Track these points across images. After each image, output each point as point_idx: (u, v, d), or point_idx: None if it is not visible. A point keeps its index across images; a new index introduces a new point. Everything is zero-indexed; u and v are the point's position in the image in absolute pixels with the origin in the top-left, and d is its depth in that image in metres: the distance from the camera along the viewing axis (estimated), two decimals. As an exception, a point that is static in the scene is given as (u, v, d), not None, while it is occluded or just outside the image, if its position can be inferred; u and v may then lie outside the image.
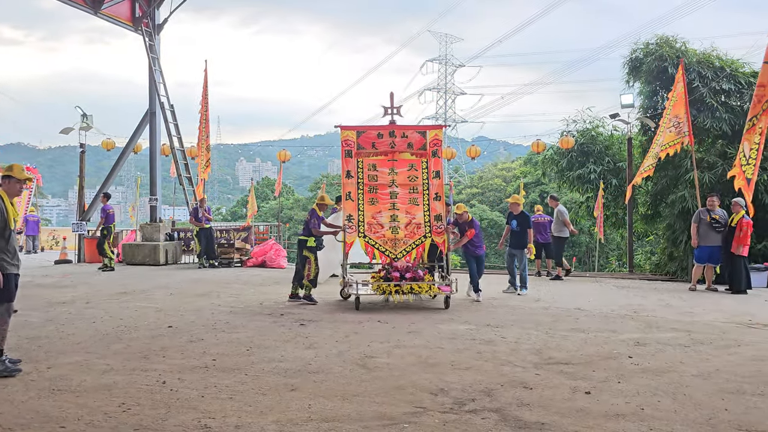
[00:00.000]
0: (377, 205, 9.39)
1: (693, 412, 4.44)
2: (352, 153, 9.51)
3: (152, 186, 17.37)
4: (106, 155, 21.40)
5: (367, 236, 9.23)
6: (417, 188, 9.47)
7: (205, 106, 16.54)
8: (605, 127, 17.35)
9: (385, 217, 9.32)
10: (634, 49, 14.99)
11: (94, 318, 8.06)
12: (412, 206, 9.39)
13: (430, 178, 9.50)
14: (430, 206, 9.42)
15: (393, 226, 9.27)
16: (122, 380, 5.15)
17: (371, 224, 9.25)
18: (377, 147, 9.54)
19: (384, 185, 9.49)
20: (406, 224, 9.31)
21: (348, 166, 9.49)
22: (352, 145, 9.52)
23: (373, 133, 9.59)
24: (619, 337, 7.07)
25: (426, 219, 9.37)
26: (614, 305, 9.47)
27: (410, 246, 9.23)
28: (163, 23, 17.59)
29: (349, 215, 9.32)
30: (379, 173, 9.52)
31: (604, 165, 16.53)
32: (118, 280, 12.68)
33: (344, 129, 9.60)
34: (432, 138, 9.61)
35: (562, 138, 16.24)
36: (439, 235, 9.36)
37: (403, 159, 9.51)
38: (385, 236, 9.23)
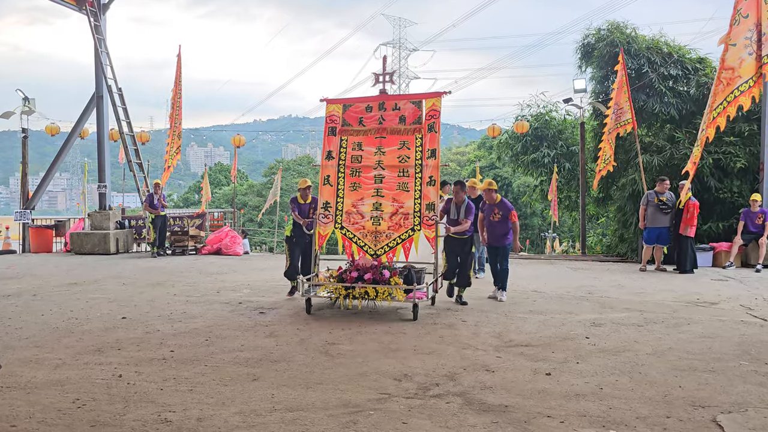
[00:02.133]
0: (359, 190, 7.93)
1: (649, 389, 4.56)
2: (336, 130, 8.06)
3: (100, 173, 16.80)
4: (49, 140, 20.65)
5: (344, 228, 7.89)
6: (408, 171, 7.80)
7: (178, 93, 16.05)
8: (558, 112, 17.65)
9: (367, 205, 7.87)
10: (586, 35, 15.25)
11: (43, 311, 7.77)
12: (400, 192, 7.80)
13: (425, 158, 7.75)
14: (423, 192, 7.71)
15: (375, 216, 7.80)
16: (75, 375, 4.97)
17: (350, 213, 7.89)
18: (365, 123, 7.98)
19: (368, 167, 7.94)
20: (391, 214, 7.77)
21: (330, 146, 8.06)
22: (337, 121, 8.06)
23: (361, 106, 8.04)
24: (576, 318, 7.23)
25: (416, 208, 7.70)
26: (569, 287, 9.68)
27: (394, 241, 7.72)
28: (109, 3, 16.92)
29: (325, 203, 7.98)
30: (364, 153, 7.97)
31: (557, 149, 16.85)
32: (67, 270, 12.25)
33: (330, 103, 8.14)
34: (429, 108, 7.81)
35: (516, 122, 16.44)
36: (431, 228, 7.63)
37: (393, 136, 7.90)
38: (365, 228, 7.81)
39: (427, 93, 7.74)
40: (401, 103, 7.94)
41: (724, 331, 6.50)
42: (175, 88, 16.13)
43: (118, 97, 16.64)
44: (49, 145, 67.85)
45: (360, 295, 7.25)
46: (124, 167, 22.26)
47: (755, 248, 11.90)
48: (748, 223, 11.89)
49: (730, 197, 12.94)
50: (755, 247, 11.90)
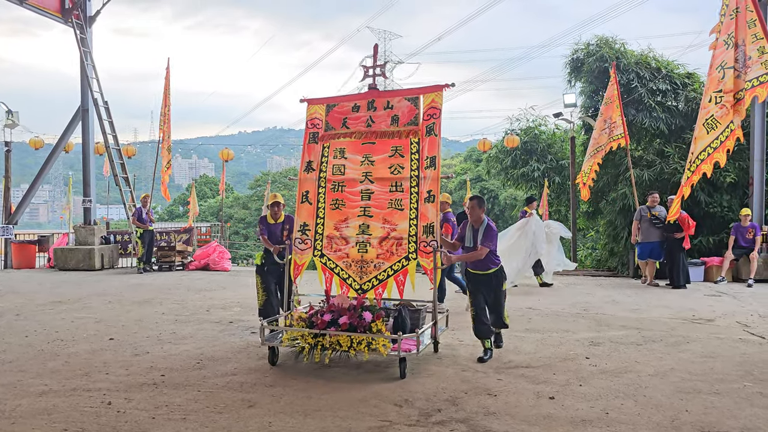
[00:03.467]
0: (342, 209, 6.47)
1: (656, 414, 4.46)
2: (318, 136, 6.65)
3: (85, 186, 16.50)
4: (30, 152, 20.28)
5: (324, 255, 6.45)
6: (401, 184, 6.27)
7: (167, 106, 15.85)
8: (547, 126, 17.69)
9: (352, 227, 6.39)
10: (575, 50, 15.33)
11: (27, 331, 7.53)
12: (392, 212, 6.28)
13: (422, 168, 6.18)
14: (419, 211, 6.13)
15: (361, 242, 6.32)
16: (62, 403, 4.77)
17: (332, 238, 6.44)
18: (349, 125, 6.53)
19: (353, 180, 6.47)
20: (380, 239, 6.27)
21: (310, 155, 6.65)
22: (319, 125, 6.66)
23: (347, 105, 6.62)
24: (574, 336, 7.14)
25: (412, 231, 6.16)
26: (564, 303, 9.60)
27: (384, 272, 6.20)
28: (96, 15, 16.72)
29: (303, 224, 6.56)
30: (348, 163, 6.51)
31: (547, 163, 16.88)
32: (51, 288, 11.97)
33: (311, 103, 6.75)
34: (428, 105, 6.27)
35: (507, 137, 16.45)
36: (429, 257, 6.01)
37: (383, 140, 6.39)
38: (350, 256, 6.35)
39: (425, 87, 6.27)
40: (394, 101, 6.42)
41: (723, 349, 6.44)
42: (164, 102, 15.94)
43: (104, 111, 16.40)
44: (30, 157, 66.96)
45: (331, 345, 5.56)
46: (109, 180, 21.95)
47: (746, 263, 11.91)
48: (738, 237, 11.92)
49: (720, 212, 13.00)
50: (746, 262, 11.92)
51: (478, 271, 6.24)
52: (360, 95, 6.64)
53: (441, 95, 6.29)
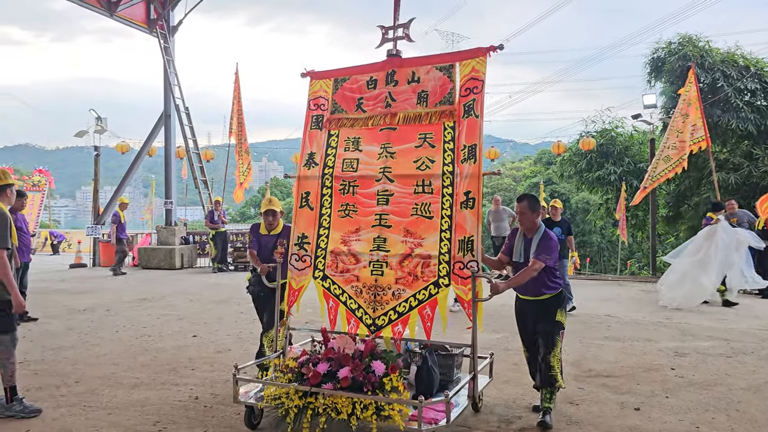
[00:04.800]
0: (353, 217, 4.90)
1: (751, 430, 4.25)
2: (322, 120, 5.20)
3: (167, 189, 17.26)
4: (113, 156, 21.36)
5: (327, 278, 4.88)
6: (431, 183, 4.65)
7: (239, 110, 16.38)
8: (624, 128, 17.15)
9: (365, 241, 4.80)
10: (656, 49, 14.80)
11: (117, 327, 7.94)
12: (418, 221, 4.64)
13: (458, 162, 4.58)
14: (455, 221, 4.50)
15: (376, 261, 4.71)
16: (153, 395, 5.00)
17: (338, 254, 4.87)
18: (365, 107, 5.04)
19: (368, 179, 4.91)
20: (402, 257, 4.63)
21: (312, 146, 5.18)
22: (325, 105, 5.22)
23: (361, 79, 5.13)
24: (657, 346, 6.88)
25: (444, 248, 4.50)
26: (644, 311, 9.27)
27: (406, 303, 4.56)
28: (178, 25, 17.48)
29: (301, 236, 5.04)
30: (363, 156, 4.97)
31: (624, 166, 16.34)
32: (136, 285, 12.57)
33: (315, 78, 5.30)
34: (466, 77, 4.68)
35: (582, 139, 16.04)
36: (467, 284, 4.33)
37: (408, 126, 4.87)
38: (360, 279, 4.75)
39: (462, 51, 4.82)
40: (421, 72, 4.89)
41: (823, 365, 6.05)
42: (236, 106, 16.45)
43: (185, 116, 17.11)
44: (113, 161, 70.62)
45: (326, 410, 4.01)
46: (187, 182, 22.83)
47: None
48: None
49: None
50: None
51: (527, 296, 4.69)
52: (375, 65, 5.07)
53: (485, 62, 4.65)
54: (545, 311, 4.62)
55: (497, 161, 43.29)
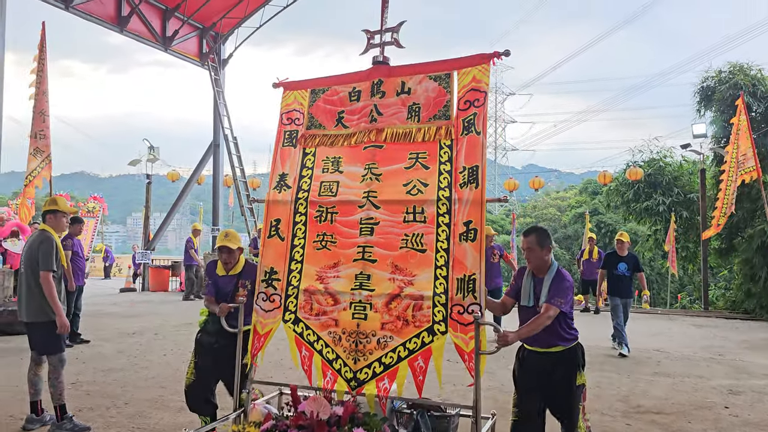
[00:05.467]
0: (331, 249, 4.15)
1: (813, 475, 4.05)
2: (296, 136, 4.56)
3: (215, 216, 17.70)
4: (163, 184, 21.99)
5: (300, 321, 4.11)
6: (424, 211, 3.97)
7: None
8: (673, 158, 16.81)
9: (345, 278, 4.06)
10: (705, 77, 14.53)
11: (164, 350, 8.12)
12: (408, 254, 3.94)
13: (456, 186, 3.92)
14: (452, 256, 3.81)
15: (358, 302, 3.97)
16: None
17: (313, 294, 4.10)
18: (347, 122, 4.39)
19: (350, 205, 4.20)
20: (389, 298, 3.89)
21: (284, 165, 4.51)
22: (299, 120, 4.59)
23: (342, 91, 4.50)
24: (709, 383, 6.64)
25: (439, 288, 3.78)
26: (695, 346, 8.98)
27: (393, 354, 3.82)
28: (228, 58, 18.09)
29: (269, 270, 4.27)
30: (345, 178, 4.30)
31: (673, 197, 15.96)
32: (183, 310, 12.84)
33: (288, 88, 4.68)
34: (465, 87, 4.07)
35: (629, 169, 15.78)
36: (468, 331, 3.61)
37: (396, 144, 4.19)
38: (339, 324, 4.00)
39: (461, 58, 4.18)
40: (412, 81, 4.26)
41: None
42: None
43: (233, 146, 17.59)
44: (163, 188, 72.82)
45: None
46: (233, 209, 23.30)
47: None
48: None
49: None
50: None
51: (536, 347, 3.90)
52: (359, 74, 4.44)
53: (488, 71, 4.05)
54: (559, 372, 3.81)
55: (541, 191, 42.83)
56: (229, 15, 16.64)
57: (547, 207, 57.23)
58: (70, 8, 12.21)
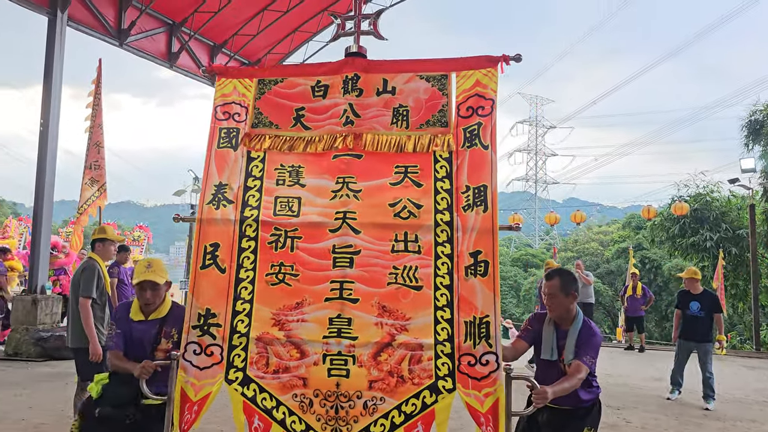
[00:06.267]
0: (292, 286, 3.29)
1: None
2: (237, 136, 3.61)
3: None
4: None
5: (253, 381, 3.19)
6: (418, 237, 3.26)
7: None
8: (721, 192, 16.41)
9: (314, 323, 3.22)
10: (753, 111, 14.24)
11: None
12: (400, 292, 3.20)
13: (458, 208, 3.25)
14: (456, 294, 3.14)
15: (337, 355, 3.15)
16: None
17: (269, 344, 3.22)
18: (308, 122, 3.57)
19: (318, 227, 3.36)
20: (377, 348, 3.12)
21: (221, 172, 3.55)
22: (241, 116, 3.65)
23: (302, 84, 3.64)
24: (762, 428, 6.35)
25: (442, 335, 3.09)
26: (747, 389, 8.60)
27: (383, 423, 3.06)
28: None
29: (204, 313, 3.29)
30: (306, 194, 3.45)
31: (721, 232, 15.53)
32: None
33: (224, 75, 3.73)
34: (466, 91, 3.45)
35: (674, 204, 15.46)
36: (483, 387, 2.99)
37: (379, 155, 3.42)
38: (309, 384, 3.14)
39: (461, 58, 3.51)
40: (398, 80, 3.53)
41: None
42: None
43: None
44: (207, 218, 74.55)
45: None
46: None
47: None
48: None
49: None
50: None
51: (558, 404, 3.25)
52: (326, 66, 3.64)
53: (495, 76, 3.43)
54: (572, 427, 3.34)
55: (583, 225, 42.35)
56: (273, 51, 17.12)
57: (589, 241, 56.17)
58: (123, 45, 12.73)
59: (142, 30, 13.14)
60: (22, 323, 9.58)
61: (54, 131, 10.28)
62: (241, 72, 3.75)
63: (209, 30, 15.12)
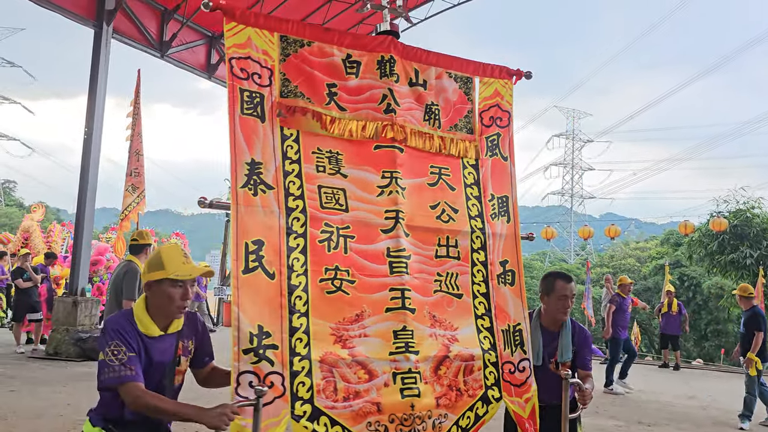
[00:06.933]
0: (350, 294, 2.72)
1: None
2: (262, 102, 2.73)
3: (288, 255, 18.17)
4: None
5: (323, 414, 2.52)
6: (457, 243, 3.06)
7: None
8: (761, 208, 16.01)
9: (377, 339, 2.72)
10: (796, 125, 13.86)
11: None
12: (445, 300, 2.97)
13: (487, 216, 3.17)
14: (493, 302, 3.08)
15: (407, 374, 2.70)
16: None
17: (335, 366, 2.60)
18: (343, 103, 2.94)
19: (370, 227, 2.85)
20: (436, 363, 2.80)
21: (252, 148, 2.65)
22: (263, 79, 2.74)
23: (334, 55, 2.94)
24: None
25: (486, 344, 2.98)
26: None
27: None
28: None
29: (257, 332, 2.48)
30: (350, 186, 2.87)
31: (762, 249, 15.14)
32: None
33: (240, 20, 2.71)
34: (487, 99, 3.33)
35: (713, 220, 15.14)
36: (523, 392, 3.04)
37: (417, 152, 3.05)
38: (383, 409, 2.62)
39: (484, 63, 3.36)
40: (430, 74, 3.18)
41: None
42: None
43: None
44: (243, 227, 75.65)
45: None
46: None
47: None
48: None
49: None
50: None
51: (548, 402, 3.14)
52: (361, 39, 3.09)
53: (510, 88, 3.37)
54: None
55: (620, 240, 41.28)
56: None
57: (625, 257, 55.17)
58: (165, 57, 13.13)
59: (182, 42, 13.53)
60: (63, 324, 9.90)
61: (97, 139, 10.64)
62: (258, 19, 2.78)
63: (247, 42, 15.49)
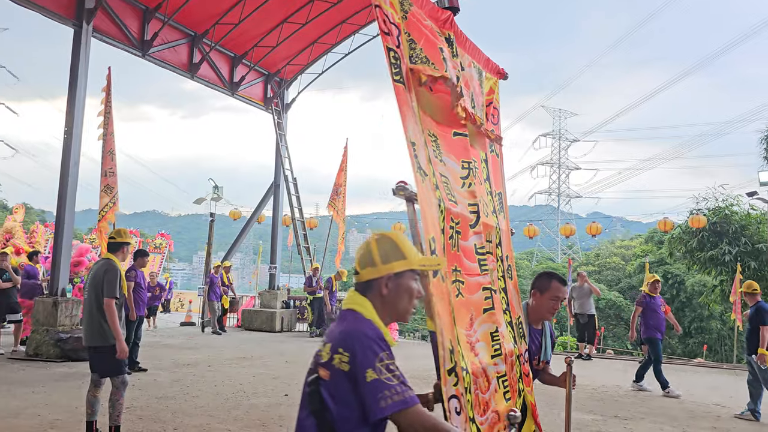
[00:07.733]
0: (464, 296, 2.53)
1: None
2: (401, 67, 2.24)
3: (272, 254, 18.14)
4: (226, 223, 22.73)
5: (480, 428, 2.37)
6: (491, 239, 3.00)
7: (343, 183, 17.38)
8: (740, 206, 16.23)
9: (484, 343, 2.64)
10: (772, 124, 14.09)
11: (216, 382, 8.34)
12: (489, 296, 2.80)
13: (497, 211, 3.24)
14: (510, 296, 3.13)
15: (503, 377, 2.74)
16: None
17: (476, 377, 2.44)
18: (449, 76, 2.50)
19: (465, 221, 2.64)
20: (512, 361, 2.95)
21: (405, 123, 2.17)
22: (394, 39, 2.24)
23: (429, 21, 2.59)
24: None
25: (511, 338, 2.98)
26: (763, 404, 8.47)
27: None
28: (291, 102, 18.82)
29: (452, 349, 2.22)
30: (448, 173, 2.58)
31: (740, 246, 15.35)
32: (237, 344, 13.14)
33: None
34: (487, 95, 3.35)
35: (692, 217, 15.34)
36: (529, 382, 3.12)
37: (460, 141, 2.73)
38: (501, 417, 2.60)
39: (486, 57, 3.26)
40: (464, 60, 3.00)
41: None
42: (339, 178, 17.34)
43: (293, 186, 18.15)
44: (226, 227, 75.14)
45: None
46: (291, 249, 23.80)
47: None
48: None
49: None
50: None
51: None
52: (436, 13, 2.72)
53: (498, 86, 3.43)
54: None
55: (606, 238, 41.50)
56: (292, 62, 17.40)
57: (611, 255, 55.57)
58: (146, 56, 13.09)
59: (164, 41, 13.48)
60: (43, 325, 9.85)
61: (77, 139, 10.58)
62: None
63: (230, 41, 15.44)
